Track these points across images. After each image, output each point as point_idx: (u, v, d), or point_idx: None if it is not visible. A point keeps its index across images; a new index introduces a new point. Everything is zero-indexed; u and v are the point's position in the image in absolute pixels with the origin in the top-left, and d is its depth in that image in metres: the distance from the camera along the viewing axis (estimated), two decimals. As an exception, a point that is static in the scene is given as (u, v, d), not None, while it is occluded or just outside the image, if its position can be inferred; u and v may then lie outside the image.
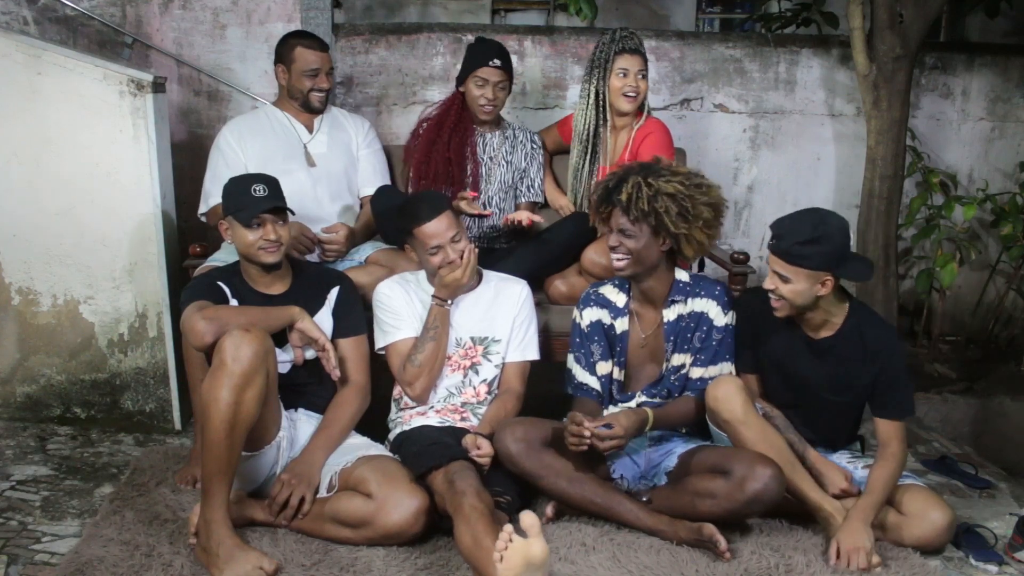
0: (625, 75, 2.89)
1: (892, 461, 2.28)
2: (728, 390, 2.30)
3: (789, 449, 2.33)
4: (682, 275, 2.45)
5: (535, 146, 3.13)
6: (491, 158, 3.05)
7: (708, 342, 2.41)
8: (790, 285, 2.22)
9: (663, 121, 3.00)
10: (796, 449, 2.36)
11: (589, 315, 2.49)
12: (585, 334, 2.48)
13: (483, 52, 2.98)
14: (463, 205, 2.83)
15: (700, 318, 2.41)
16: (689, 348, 2.42)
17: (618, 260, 2.35)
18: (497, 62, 2.95)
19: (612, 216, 2.36)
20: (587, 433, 2.22)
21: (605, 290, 2.50)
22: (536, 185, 3.12)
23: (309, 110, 2.93)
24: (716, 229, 2.35)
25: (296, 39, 2.90)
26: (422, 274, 2.56)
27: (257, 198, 2.32)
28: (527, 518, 1.84)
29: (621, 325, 2.46)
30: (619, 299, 2.48)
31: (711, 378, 2.40)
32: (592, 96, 2.96)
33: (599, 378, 2.48)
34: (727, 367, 2.43)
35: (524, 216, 2.87)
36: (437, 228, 2.40)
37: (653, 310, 2.45)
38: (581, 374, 2.49)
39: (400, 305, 2.51)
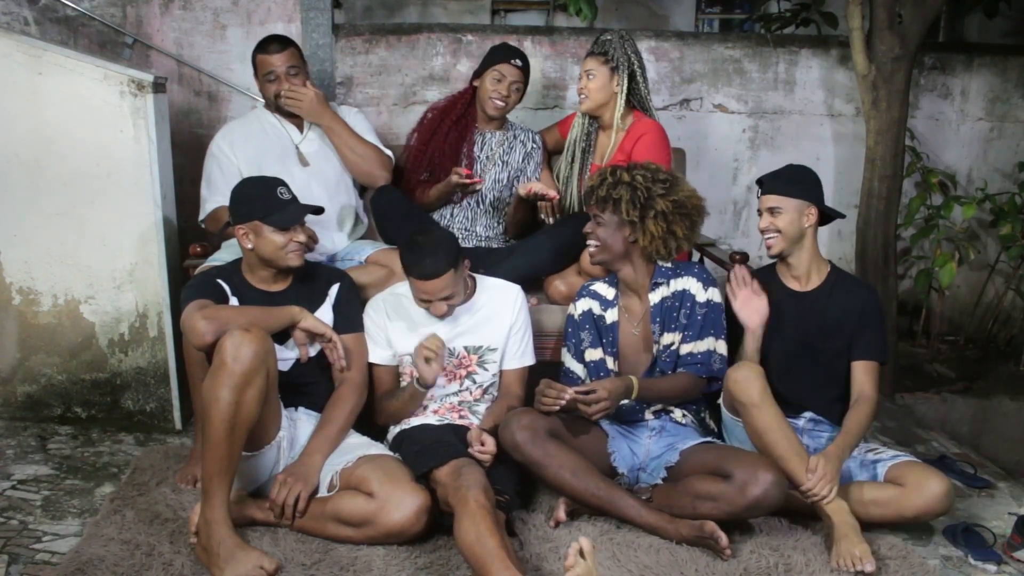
0: (580, 78, 2.96)
1: (866, 405, 2.44)
2: (748, 374, 2.35)
3: (798, 441, 2.35)
4: (664, 264, 2.54)
5: (535, 145, 3.14)
6: (487, 157, 3.06)
7: (693, 317, 2.48)
8: (782, 216, 2.50)
9: (659, 122, 3.00)
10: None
11: (581, 305, 2.60)
12: (576, 323, 2.59)
13: (507, 51, 3.04)
14: (454, 178, 2.85)
15: (683, 295, 2.50)
16: (676, 326, 2.49)
17: (591, 247, 2.50)
18: (519, 62, 3.00)
19: (592, 209, 2.49)
20: (567, 396, 2.30)
21: (597, 285, 2.62)
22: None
23: (284, 114, 2.93)
24: (678, 226, 2.44)
25: (257, 48, 2.91)
26: None
27: (287, 201, 2.34)
28: (587, 544, 1.88)
29: (611, 316, 2.55)
30: (608, 292, 2.59)
31: (700, 353, 2.47)
32: None
33: (586, 364, 2.56)
34: (714, 342, 2.49)
35: (539, 187, 2.83)
36: (432, 287, 2.37)
37: (639, 300, 2.54)
38: (569, 360, 2.61)
39: (377, 329, 2.52)
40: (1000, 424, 3.57)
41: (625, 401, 2.41)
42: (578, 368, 2.59)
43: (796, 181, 2.54)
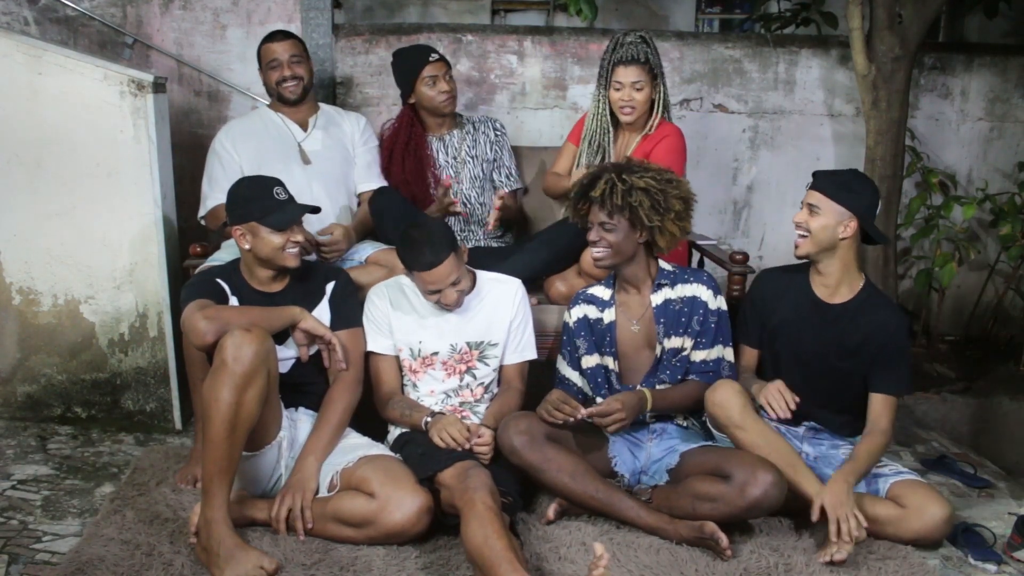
0: (620, 88, 2.87)
1: (880, 437, 2.34)
2: (725, 395, 2.33)
3: (791, 450, 2.34)
4: (665, 265, 2.54)
5: (499, 133, 3.13)
6: (455, 158, 3.06)
7: (707, 325, 2.47)
8: (818, 219, 2.35)
9: (678, 126, 2.96)
10: (746, 384, 2.43)
11: (576, 312, 2.57)
12: (572, 330, 2.56)
13: (417, 55, 3.01)
14: (440, 205, 2.84)
15: (693, 302, 2.48)
16: (688, 331, 2.47)
17: (598, 252, 2.44)
18: (435, 55, 2.99)
19: (591, 212, 2.44)
20: (580, 415, 2.31)
21: (593, 289, 2.59)
22: (513, 172, 3.13)
23: (287, 103, 2.94)
24: (688, 221, 2.46)
25: (262, 41, 2.95)
26: None
27: (283, 201, 2.34)
28: (600, 548, 1.91)
29: (608, 316, 2.53)
30: (604, 293, 2.56)
31: (712, 360, 2.47)
32: (600, 103, 2.95)
33: (584, 371, 2.55)
34: (723, 350, 2.49)
35: (493, 216, 2.87)
36: (438, 275, 2.35)
37: (639, 297, 2.52)
38: (564, 368, 2.59)
39: (380, 315, 2.51)
40: (1000, 424, 3.56)
41: None
42: (574, 376, 2.58)
43: (848, 188, 2.36)
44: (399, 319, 2.51)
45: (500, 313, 2.53)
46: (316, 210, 2.44)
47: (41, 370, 2.98)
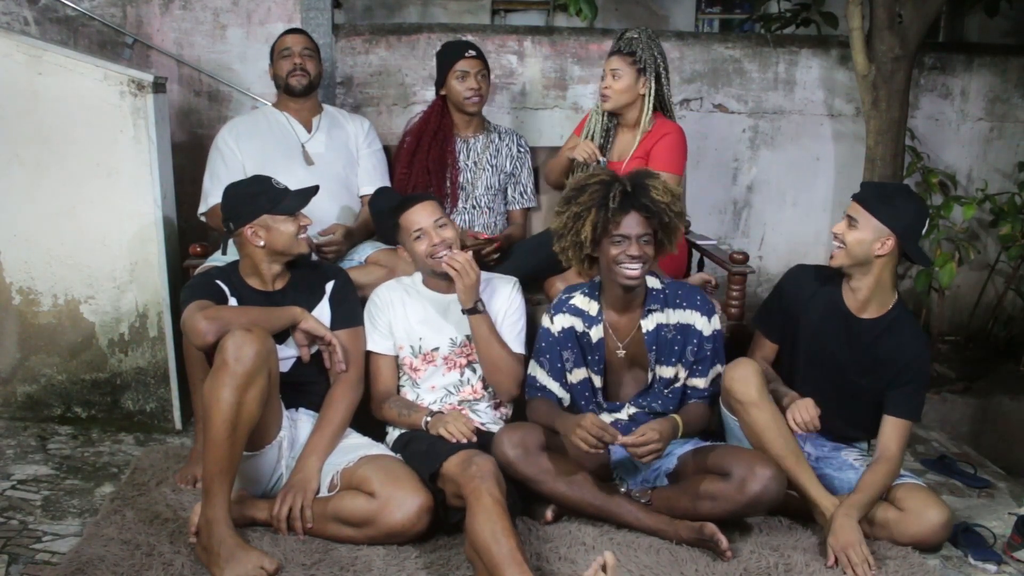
0: (603, 77, 2.90)
1: (887, 464, 2.29)
2: (746, 372, 2.32)
3: (795, 440, 2.34)
4: (654, 282, 2.43)
5: (522, 150, 3.12)
6: (475, 163, 3.05)
7: (702, 353, 2.41)
8: (855, 232, 2.29)
9: (679, 124, 2.95)
10: (778, 393, 2.39)
11: (561, 321, 2.43)
12: (557, 339, 2.42)
13: (456, 48, 3.02)
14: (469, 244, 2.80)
15: (687, 331, 2.40)
16: (682, 361, 2.41)
17: (637, 270, 2.29)
18: (472, 52, 2.99)
19: (622, 225, 2.27)
20: (619, 442, 2.21)
21: (576, 300, 2.45)
22: (529, 191, 3.13)
23: (292, 92, 2.94)
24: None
25: (279, 36, 2.98)
26: (419, 278, 2.56)
27: (284, 189, 2.36)
28: (611, 559, 1.88)
29: (596, 333, 2.42)
30: (591, 308, 2.43)
31: (711, 382, 2.43)
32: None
33: (567, 384, 2.44)
34: (720, 368, 2.43)
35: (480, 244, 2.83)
36: (419, 214, 2.41)
37: (628, 318, 2.42)
38: (544, 378, 2.44)
39: (380, 314, 2.51)
40: (1000, 424, 3.57)
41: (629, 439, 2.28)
42: (555, 387, 2.43)
43: (890, 203, 2.28)
44: (399, 318, 2.51)
45: (495, 305, 2.52)
46: (316, 190, 2.44)
47: (41, 370, 2.98)
